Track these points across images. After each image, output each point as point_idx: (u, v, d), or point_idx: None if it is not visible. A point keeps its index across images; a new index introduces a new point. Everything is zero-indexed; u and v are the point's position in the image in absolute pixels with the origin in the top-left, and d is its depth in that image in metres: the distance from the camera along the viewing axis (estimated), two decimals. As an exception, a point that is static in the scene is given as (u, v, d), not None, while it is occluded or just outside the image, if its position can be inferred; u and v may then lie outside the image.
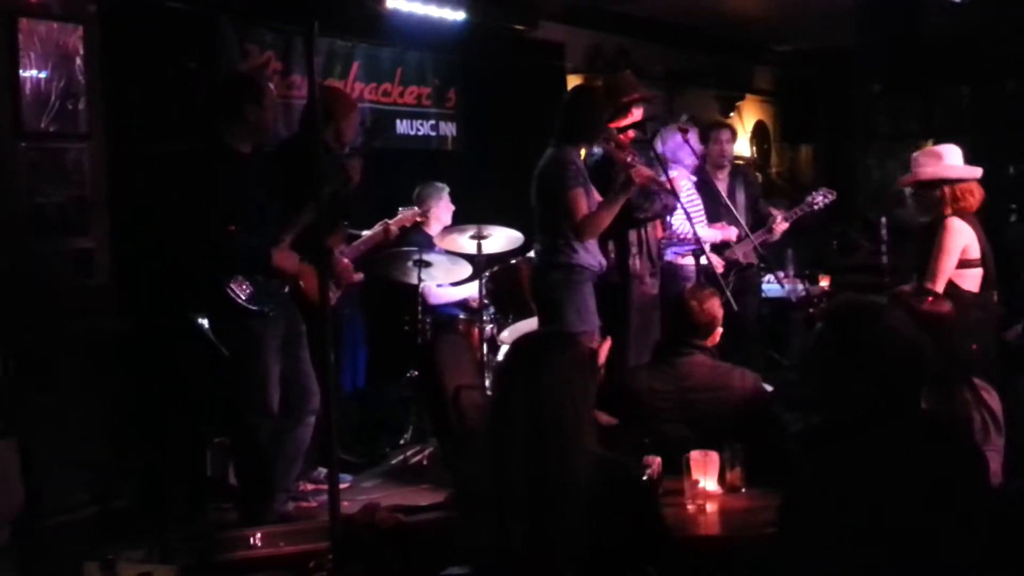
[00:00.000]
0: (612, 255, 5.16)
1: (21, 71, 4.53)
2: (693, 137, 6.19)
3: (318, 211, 3.77)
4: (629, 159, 5.03)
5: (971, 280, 4.45)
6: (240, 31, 5.68)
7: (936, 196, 4.49)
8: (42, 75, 4.61)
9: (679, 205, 5.44)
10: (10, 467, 3.19)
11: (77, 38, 4.73)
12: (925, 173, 4.54)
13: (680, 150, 6.14)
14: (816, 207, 6.41)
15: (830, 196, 6.43)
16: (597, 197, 4.94)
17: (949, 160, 4.57)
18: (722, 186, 6.42)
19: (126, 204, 4.98)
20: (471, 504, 2.52)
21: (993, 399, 3.32)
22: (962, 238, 4.42)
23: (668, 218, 5.81)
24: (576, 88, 5.99)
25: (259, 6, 5.72)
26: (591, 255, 4.91)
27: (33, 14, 4.56)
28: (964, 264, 4.43)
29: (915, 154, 4.69)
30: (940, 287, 4.32)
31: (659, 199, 5.23)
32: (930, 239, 4.45)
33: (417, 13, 6.47)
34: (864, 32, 8.41)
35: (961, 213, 4.48)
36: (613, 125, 5.19)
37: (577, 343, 2.63)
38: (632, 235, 5.20)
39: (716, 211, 6.27)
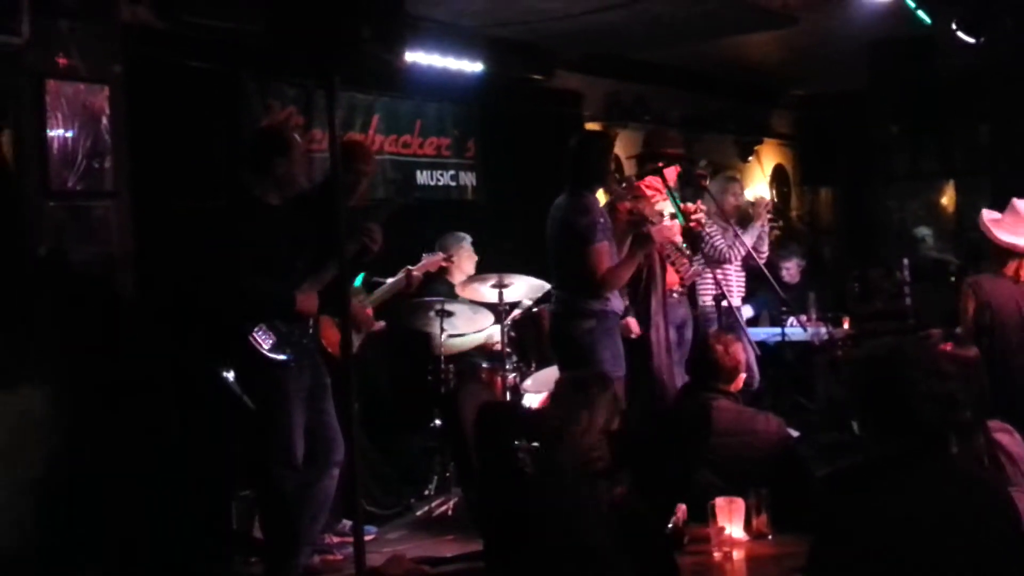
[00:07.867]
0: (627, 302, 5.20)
1: (48, 131, 4.59)
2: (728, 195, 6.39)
3: (341, 266, 3.82)
4: (647, 211, 5.07)
5: None
6: (262, 87, 5.78)
7: None
8: (69, 134, 4.67)
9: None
10: None
11: (103, 98, 4.80)
12: None
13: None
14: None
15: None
16: None
17: None
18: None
19: (151, 260, 5.04)
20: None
21: (1012, 439, 3.27)
22: None
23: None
24: (582, 134, 6.02)
25: (280, 62, 5.81)
26: (617, 300, 4.97)
27: (60, 75, 4.64)
28: None
29: None
30: None
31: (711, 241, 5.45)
32: None
33: (435, 66, 6.55)
34: (878, 73, 8.44)
35: None
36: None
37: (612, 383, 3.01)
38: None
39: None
